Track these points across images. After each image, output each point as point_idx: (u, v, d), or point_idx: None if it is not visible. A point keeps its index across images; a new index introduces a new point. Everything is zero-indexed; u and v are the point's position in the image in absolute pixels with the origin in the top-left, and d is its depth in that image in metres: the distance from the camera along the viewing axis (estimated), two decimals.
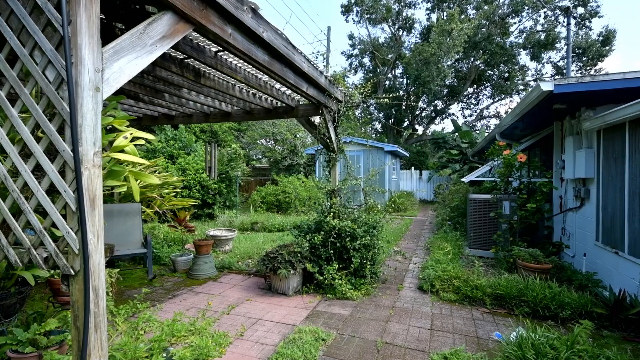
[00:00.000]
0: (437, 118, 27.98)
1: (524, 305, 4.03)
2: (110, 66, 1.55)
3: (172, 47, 2.94)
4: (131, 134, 1.77)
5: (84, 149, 1.43)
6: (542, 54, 23.36)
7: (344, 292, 4.42)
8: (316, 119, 5.56)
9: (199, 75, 3.80)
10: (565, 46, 15.16)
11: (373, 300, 4.42)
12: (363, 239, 4.61)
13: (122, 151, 1.77)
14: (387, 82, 25.75)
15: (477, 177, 7.61)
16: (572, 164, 5.29)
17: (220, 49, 3.28)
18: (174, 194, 8.76)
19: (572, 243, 5.53)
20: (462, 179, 7.66)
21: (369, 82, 5.29)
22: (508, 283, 4.27)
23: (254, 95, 4.92)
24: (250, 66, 3.77)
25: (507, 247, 5.60)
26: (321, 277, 4.50)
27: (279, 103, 5.39)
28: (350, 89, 5.20)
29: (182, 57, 3.48)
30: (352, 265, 4.56)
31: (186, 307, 4.11)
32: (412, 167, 20.94)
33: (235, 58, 3.56)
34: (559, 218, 6.15)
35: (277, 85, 4.55)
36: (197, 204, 10.67)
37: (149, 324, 2.33)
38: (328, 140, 4.99)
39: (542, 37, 22.31)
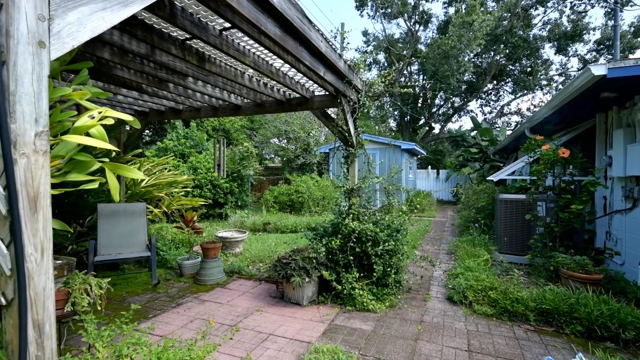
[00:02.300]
0: (455, 115, 27.00)
1: (575, 323, 3.46)
2: (63, 15, 1.13)
3: (169, 22, 2.54)
4: (100, 112, 1.35)
5: (18, 126, 1.01)
6: (568, 47, 22.17)
7: (364, 304, 3.93)
8: (332, 112, 5.09)
9: (203, 59, 3.39)
10: (613, 28, 13.95)
11: (398, 313, 3.93)
12: (386, 243, 4.11)
13: (88, 135, 1.36)
14: (403, 79, 24.98)
15: (507, 174, 6.99)
16: (623, 161, 4.67)
17: (226, 26, 2.87)
18: (184, 193, 8.44)
19: (621, 249, 4.88)
20: (491, 178, 7.04)
21: (392, 70, 4.77)
22: (555, 297, 3.69)
23: (265, 85, 4.50)
24: (259, 49, 3.34)
25: (545, 253, 5.00)
26: (339, 287, 4.02)
27: (292, 94, 4.95)
28: (370, 79, 4.71)
29: (183, 37, 3.08)
30: (374, 274, 4.06)
31: (190, 318, 3.72)
32: (429, 166, 20.22)
33: (243, 39, 3.14)
34: (602, 221, 5.50)
35: (291, 73, 4.11)
36: (208, 203, 10.36)
37: (137, 349, 1.92)
38: (347, 134, 4.51)
39: (569, 28, 21.15)
